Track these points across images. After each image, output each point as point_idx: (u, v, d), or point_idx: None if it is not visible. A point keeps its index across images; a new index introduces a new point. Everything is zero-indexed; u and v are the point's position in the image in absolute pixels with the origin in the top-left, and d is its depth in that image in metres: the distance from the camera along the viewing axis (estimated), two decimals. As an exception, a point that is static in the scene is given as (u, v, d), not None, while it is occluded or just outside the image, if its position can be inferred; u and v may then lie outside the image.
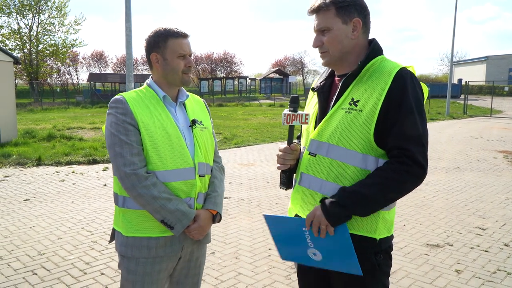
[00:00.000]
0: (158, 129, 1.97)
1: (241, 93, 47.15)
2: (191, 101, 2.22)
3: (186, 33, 2.04)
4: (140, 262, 2.01)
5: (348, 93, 1.77)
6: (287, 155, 1.91)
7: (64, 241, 4.76)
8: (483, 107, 29.13)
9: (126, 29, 10.59)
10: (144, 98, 2.05)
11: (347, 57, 1.81)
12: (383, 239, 1.79)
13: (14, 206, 6.09)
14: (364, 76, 1.76)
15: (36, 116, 22.28)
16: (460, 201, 6.49)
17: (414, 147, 1.63)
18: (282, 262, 4.19)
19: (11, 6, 36.31)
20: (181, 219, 1.95)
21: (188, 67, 2.05)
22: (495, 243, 4.78)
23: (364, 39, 1.82)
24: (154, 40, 2.03)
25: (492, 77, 45.34)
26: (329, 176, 1.76)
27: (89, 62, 56.29)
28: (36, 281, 3.79)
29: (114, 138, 1.94)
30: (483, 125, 18.68)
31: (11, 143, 11.40)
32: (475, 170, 8.84)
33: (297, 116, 1.88)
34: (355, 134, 1.70)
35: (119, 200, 2.05)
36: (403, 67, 1.73)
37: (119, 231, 2.07)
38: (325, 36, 1.79)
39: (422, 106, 1.69)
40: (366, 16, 1.79)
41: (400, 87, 1.66)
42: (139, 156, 1.93)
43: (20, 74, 38.70)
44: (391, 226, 1.85)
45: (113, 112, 1.98)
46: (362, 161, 1.70)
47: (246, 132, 15.14)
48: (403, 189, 1.67)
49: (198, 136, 2.10)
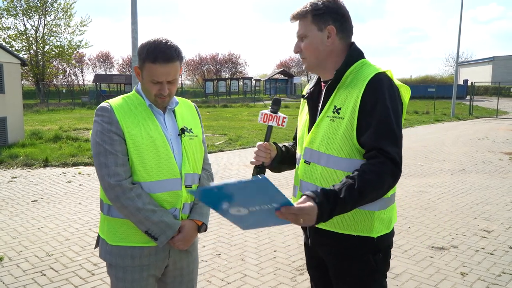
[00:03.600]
0: (145, 139, 1.92)
1: (245, 94, 47.19)
2: (181, 107, 2.14)
3: (170, 58, 1.86)
4: (128, 270, 2.00)
5: (332, 100, 1.83)
6: (261, 152, 1.99)
7: (72, 242, 4.81)
8: (489, 108, 28.99)
9: (132, 31, 10.65)
10: (132, 105, 1.99)
11: (325, 63, 1.87)
12: (381, 236, 1.83)
13: (22, 207, 6.16)
14: (344, 83, 1.82)
15: (42, 117, 22.44)
16: (465, 204, 6.49)
17: (390, 147, 1.66)
18: (287, 264, 4.22)
19: (18, 8, 36.55)
20: (165, 231, 1.93)
21: (161, 93, 1.92)
22: (500, 245, 4.78)
23: (342, 45, 1.86)
24: (139, 55, 1.93)
25: (498, 78, 45.06)
26: (322, 182, 1.81)
27: (94, 63, 56.62)
28: (45, 282, 3.84)
29: (99, 147, 1.90)
30: (489, 126, 18.61)
31: (18, 144, 11.50)
32: (480, 172, 8.83)
33: (274, 117, 1.97)
34: (340, 141, 1.76)
35: (104, 208, 2.02)
36: (379, 72, 1.76)
37: (103, 239, 2.05)
38: (303, 42, 1.86)
39: (397, 108, 1.73)
40: (342, 23, 1.83)
41: (373, 91, 1.71)
42: (124, 167, 1.89)
43: (26, 75, 38.91)
44: (390, 223, 1.88)
45: (98, 120, 1.93)
46: (350, 165, 1.74)
47: (251, 133, 15.17)
48: (381, 187, 1.67)
49: (187, 145, 2.05)
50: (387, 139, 1.68)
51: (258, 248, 4.68)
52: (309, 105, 1.97)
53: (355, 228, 1.80)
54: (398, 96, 1.78)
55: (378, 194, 1.69)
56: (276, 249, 4.63)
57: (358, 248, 1.82)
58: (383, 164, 1.65)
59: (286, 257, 4.44)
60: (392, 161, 1.66)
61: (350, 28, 1.88)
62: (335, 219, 1.73)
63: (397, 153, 1.68)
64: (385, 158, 1.66)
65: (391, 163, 1.66)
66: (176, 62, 1.90)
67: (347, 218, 1.78)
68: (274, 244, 4.77)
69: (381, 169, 1.65)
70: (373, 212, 1.79)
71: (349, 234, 1.81)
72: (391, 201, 1.89)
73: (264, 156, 2.00)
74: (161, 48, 1.86)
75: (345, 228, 1.81)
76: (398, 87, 1.80)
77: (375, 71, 1.77)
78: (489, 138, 14.39)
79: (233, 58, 61.11)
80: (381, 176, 1.64)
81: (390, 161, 1.66)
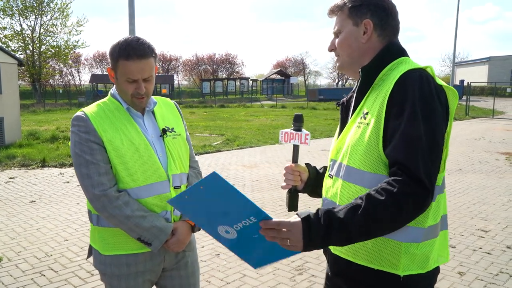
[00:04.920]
0: (126, 144, 1.86)
1: (242, 94, 47.25)
2: (161, 106, 2.08)
3: (144, 54, 1.82)
4: (122, 278, 1.96)
5: (362, 105, 1.56)
6: (288, 174, 1.83)
7: (71, 243, 4.81)
8: (485, 108, 29.10)
9: (130, 31, 10.65)
10: (108, 111, 1.92)
11: (360, 63, 1.60)
12: (411, 277, 1.46)
13: (20, 208, 6.15)
14: (377, 84, 1.55)
15: (39, 117, 22.37)
16: (463, 203, 6.52)
17: (414, 163, 1.33)
18: (286, 264, 4.23)
19: (14, 8, 36.45)
20: (158, 235, 1.88)
21: (138, 92, 1.86)
22: (498, 245, 4.81)
23: (382, 44, 1.58)
24: (110, 55, 1.86)
25: (494, 78, 45.28)
26: (341, 200, 1.54)
27: (91, 63, 56.58)
28: (44, 282, 3.85)
29: (79, 158, 1.83)
30: (485, 126, 18.69)
31: (16, 145, 11.47)
32: (477, 172, 8.87)
33: (295, 135, 1.79)
34: (364, 151, 1.47)
35: (93, 219, 1.97)
36: (413, 68, 1.46)
37: (96, 249, 2.01)
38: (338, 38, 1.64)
39: (432, 111, 1.38)
40: (383, 18, 1.56)
41: (402, 90, 1.40)
42: (107, 175, 1.83)
43: (22, 75, 38.80)
44: (426, 261, 1.48)
45: (75, 130, 1.86)
46: (373, 181, 1.43)
47: (248, 133, 15.18)
48: (396, 212, 1.31)
49: (170, 145, 1.99)
50: (412, 152, 1.34)
51: (257, 248, 4.68)
52: (341, 113, 1.73)
53: (376, 260, 1.47)
54: (437, 97, 1.41)
55: (395, 220, 1.34)
56: (275, 249, 4.64)
57: (378, 285, 1.49)
58: (402, 184, 1.31)
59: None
60: (415, 180, 1.31)
61: (394, 25, 1.59)
62: (354, 246, 1.47)
63: (424, 172, 1.32)
64: (406, 177, 1.32)
65: (414, 184, 1.31)
66: (150, 58, 1.85)
67: (367, 246, 1.48)
68: (273, 244, 4.78)
69: (399, 189, 1.30)
70: (399, 242, 1.44)
71: (368, 266, 1.49)
72: (431, 234, 1.49)
73: (293, 179, 1.81)
74: (134, 45, 1.81)
75: (363, 259, 1.50)
76: (441, 87, 1.46)
77: (410, 67, 1.47)
78: (485, 138, 14.46)
79: (230, 58, 61.21)
80: (396, 197, 1.30)
81: (412, 181, 1.31)
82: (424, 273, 1.48)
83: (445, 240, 1.60)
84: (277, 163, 9.79)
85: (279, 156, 10.73)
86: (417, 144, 1.35)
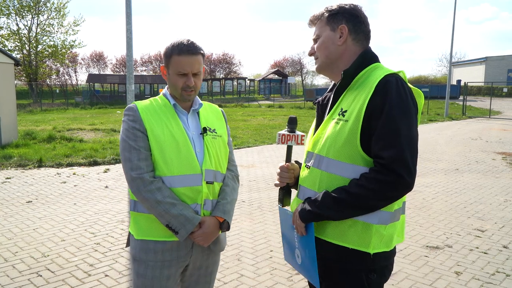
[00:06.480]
0: (167, 136, 2.02)
1: (240, 94, 47.24)
2: (206, 109, 2.25)
3: (193, 50, 2.03)
4: (149, 265, 2.05)
5: (339, 103, 1.78)
6: (283, 173, 1.99)
7: (68, 243, 4.80)
8: (482, 108, 29.21)
9: (127, 31, 10.61)
10: (157, 106, 2.11)
11: (336, 64, 1.83)
12: (379, 254, 1.72)
13: (17, 208, 6.13)
14: (354, 86, 1.76)
15: (35, 117, 22.31)
16: (459, 203, 6.54)
17: (392, 155, 1.57)
18: (284, 264, 4.24)
19: (11, 7, 36.38)
20: (185, 224, 1.97)
21: (187, 85, 2.05)
22: (494, 245, 4.83)
23: (356, 47, 1.81)
24: (164, 54, 2.09)
25: (491, 78, 45.49)
26: (320, 187, 1.76)
27: (88, 63, 56.48)
28: (41, 283, 3.83)
29: (124, 143, 2.02)
30: (482, 126, 18.76)
31: (12, 145, 11.43)
32: (474, 171, 8.90)
33: (292, 137, 1.94)
34: (343, 145, 1.68)
35: (131, 204, 2.11)
36: (391, 73, 1.69)
37: (132, 234, 2.14)
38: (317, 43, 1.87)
39: (408, 112, 1.64)
40: (356, 25, 1.80)
41: (382, 93, 1.63)
42: (146, 161, 1.99)
43: (19, 75, 38.71)
44: (391, 241, 1.76)
45: (125, 119, 2.07)
46: (351, 171, 1.68)
47: (245, 133, 15.19)
48: (380, 198, 1.62)
49: (209, 143, 2.12)
50: (391, 146, 1.58)
51: (254, 248, 4.69)
52: (317, 110, 1.95)
53: (350, 240, 1.70)
54: (410, 97, 1.67)
55: (368, 203, 1.63)
56: (272, 249, 4.65)
57: (352, 263, 1.72)
58: (377, 173, 1.59)
59: (282, 257, 4.45)
60: (390, 169, 1.58)
61: (366, 32, 1.83)
62: (331, 228, 1.73)
63: (400, 161, 1.57)
64: (381, 167, 1.59)
65: (388, 172, 1.58)
66: (199, 55, 2.05)
67: (343, 228, 1.71)
68: (270, 244, 4.79)
69: (375, 177, 1.59)
70: (371, 225, 1.69)
71: (344, 246, 1.71)
72: (395, 217, 1.76)
73: (288, 176, 1.99)
74: (185, 43, 2.03)
75: (339, 239, 1.72)
76: (411, 89, 1.72)
77: (388, 71, 1.70)
78: (482, 138, 14.51)
79: (227, 58, 61.17)
80: (372, 183, 1.59)
81: (387, 170, 1.58)
82: (388, 251, 1.75)
83: (403, 223, 1.87)
84: (274, 163, 9.79)
85: (277, 156, 10.73)
86: (399, 137, 1.59)
